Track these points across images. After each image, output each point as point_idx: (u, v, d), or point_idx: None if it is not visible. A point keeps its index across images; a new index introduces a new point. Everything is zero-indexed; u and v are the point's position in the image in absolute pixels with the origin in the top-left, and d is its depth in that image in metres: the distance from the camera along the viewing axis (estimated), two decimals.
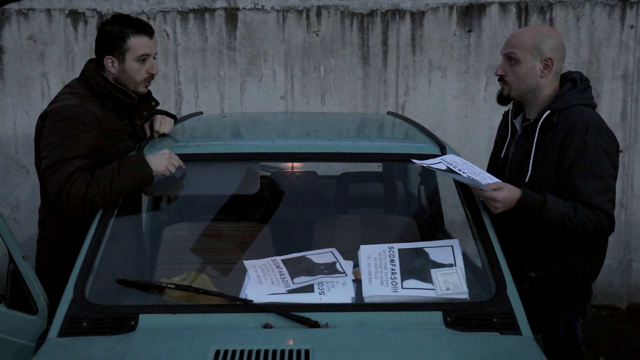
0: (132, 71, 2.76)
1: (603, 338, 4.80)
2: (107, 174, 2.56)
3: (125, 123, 2.85)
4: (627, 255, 5.40)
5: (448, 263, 2.37)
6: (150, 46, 2.78)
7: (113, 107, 2.78)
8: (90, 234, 2.46)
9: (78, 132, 2.61)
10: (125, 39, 2.72)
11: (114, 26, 2.75)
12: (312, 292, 2.32)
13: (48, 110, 2.70)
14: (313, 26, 5.23)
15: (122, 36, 2.72)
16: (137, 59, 2.75)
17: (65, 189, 2.53)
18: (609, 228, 2.56)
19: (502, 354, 2.08)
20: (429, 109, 5.31)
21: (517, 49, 2.65)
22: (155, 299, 2.39)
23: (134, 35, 2.73)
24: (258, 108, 5.27)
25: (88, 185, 2.53)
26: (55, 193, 2.56)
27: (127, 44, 2.72)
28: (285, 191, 3.85)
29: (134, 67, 2.75)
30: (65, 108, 2.65)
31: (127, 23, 2.76)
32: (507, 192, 2.46)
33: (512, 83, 2.69)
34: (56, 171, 2.57)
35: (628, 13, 5.17)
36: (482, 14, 5.21)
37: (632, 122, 5.27)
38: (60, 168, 2.57)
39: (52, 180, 2.57)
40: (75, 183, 2.53)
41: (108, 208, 2.57)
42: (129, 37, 2.72)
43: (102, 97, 2.75)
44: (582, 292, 2.72)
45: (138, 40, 2.74)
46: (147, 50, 2.77)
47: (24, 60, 5.20)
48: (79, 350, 2.07)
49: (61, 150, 2.59)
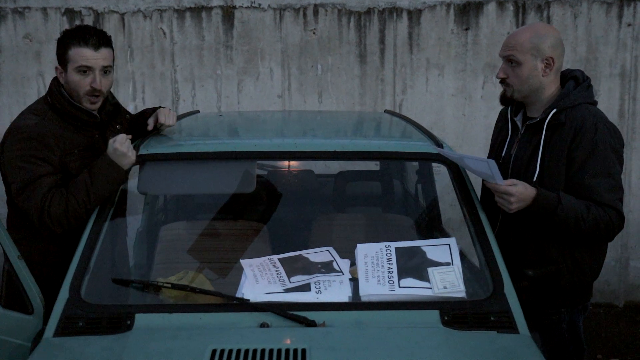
0: (72, 83, 2.68)
1: (601, 336, 4.80)
2: (81, 184, 2.53)
3: (93, 140, 2.79)
4: (624, 253, 5.41)
5: (445, 262, 2.37)
6: (92, 59, 2.65)
7: (75, 125, 2.73)
8: (86, 233, 2.45)
9: (39, 151, 2.59)
10: (67, 49, 2.67)
11: (62, 35, 2.71)
12: (309, 291, 2.31)
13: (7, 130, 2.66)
14: (310, 24, 5.23)
15: (64, 46, 2.67)
16: (76, 70, 2.66)
17: (45, 210, 2.52)
18: (619, 226, 2.56)
19: (499, 353, 2.07)
20: (426, 108, 5.30)
21: (517, 51, 2.63)
22: (151, 299, 2.38)
23: (74, 46, 2.65)
24: (255, 107, 5.26)
25: (67, 200, 2.52)
26: (37, 215, 2.54)
27: (68, 54, 2.66)
28: (282, 190, 3.84)
29: (74, 78, 2.67)
30: (22, 129, 2.62)
31: (72, 34, 2.69)
32: (522, 187, 2.45)
33: (515, 85, 2.68)
34: (29, 195, 2.55)
35: (625, 11, 5.17)
36: (480, 12, 5.21)
37: (630, 120, 5.28)
38: (32, 191, 2.55)
39: (28, 204, 2.55)
40: (53, 201, 2.52)
41: (104, 208, 2.56)
42: (70, 48, 2.66)
43: (63, 115, 2.71)
44: (586, 289, 2.73)
45: (78, 51, 2.65)
46: (87, 62, 2.65)
47: (20, 59, 5.18)
48: (75, 350, 2.06)
49: (27, 172, 2.56)
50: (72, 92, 2.72)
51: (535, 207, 2.47)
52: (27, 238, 2.64)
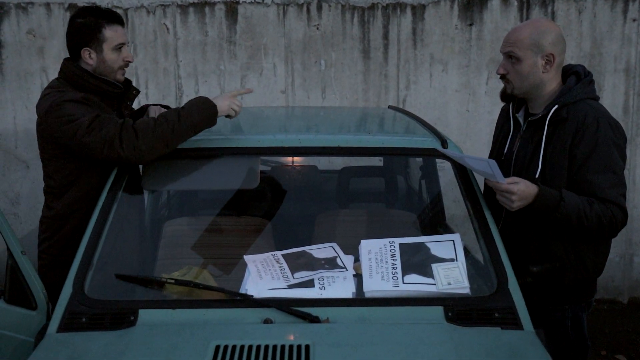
0: (110, 61, 2.77)
1: (604, 332, 4.80)
2: (174, 113, 2.53)
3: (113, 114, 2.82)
4: (628, 249, 5.40)
5: (449, 258, 2.36)
6: (124, 35, 2.81)
7: (99, 99, 2.76)
8: (90, 228, 2.45)
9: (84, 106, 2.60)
10: (101, 29, 2.73)
11: (86, 17, 2.74)
12: (313, 287, 2.31)
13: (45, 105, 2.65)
14: (314, 20, 5.21)
15: (97, 27, 2.72)
16: (114, 48, 2.76)
17: (126, 127, 2.48)
18: (622, 221, 2.55)
19: (503, 349, 2.07)
20: (430, 103, 5.29)
21: (517, 48, 2.62)
22: (155, 294, 2.38)
23: (109, 25, 2.74)
24: (258, 102, 5.26)
25: (155, 122, 2.49)
26: (110, 138, 2.47)
27: (102, 34, 2.73)
28: (285, 186, 3.84)
29: (111, 56, 2.77)
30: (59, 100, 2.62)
31: (99, 13, 2.76)
32: (524, 185, 2.44)
33: (515, 81, 2.67)
34: (103, 124, 2.50)
35: (630, 6, 5.14)
36: (484, 7, 5.19)
37: (634, 116, 5.26)
38: (105, 121, 2.51)
39: (104, 131, 2.49)
40: (137, 123, 2.50)
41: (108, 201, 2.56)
42: (105, 27, 2.73)
43: (86, 91, 2.72)
44: (590, 285, 2.73)
45: (113, 30, 2.76)
46: (122, 39, 2.79)
47: (24, 55, 5.18)
48: (78, 345, 2.06)
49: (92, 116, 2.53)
50: (105, 69, 2.78)
51: (538, 204, 2.46)
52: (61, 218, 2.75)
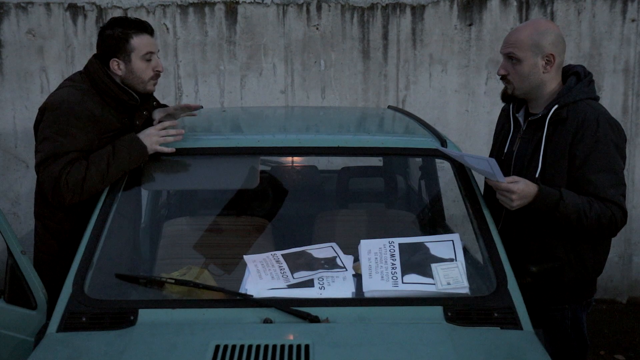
0: (139, 71, 2.76)
1: (604, 332, 4.80)
2: (104, 156, 2.57)
3: (123, 123, 2.83)
4: (627, 249, 5.40)
5: (449, 258, 2.37)
6: (153, 44, 2.79)
7: (115, 105, 2.77)
8: (90, 228, 2.45)
9: (74, 129, 2.61)
10: (128, 39, 2.72)
11: (114, 28, 2.74)
12: (312, 287, 2.31)
13: (48, 102, 2.69)
14: (313, 20, 5.22)
15: (125, 37, 2.72)
16: (142, 57, 2.75)
17: (63, 177, 2.54)
18: (622, 221, 2.55)
19: (503, 349, 2.07)
20: (429, 103, 5.29)
21: (517, 48, 2.62)
22: (154, 294, 2.38)
23: (136, 35, 2.73)
24: (258, 102, 5.26)
25: (86, 169, 2.54)
26: (52, 183, 2.56)
27: (130, 44, 2.73)
28: (285, 186, 3.84)
29: (140, 66, 2.75)
30: (65, 103, 2.64)
31: (127, 24, 2.76)
32: (524, 184, 2.44)
33: (515, 82, 2.67)
34: (51, 164, 2.57)
35: (629, 6, 5.15)
36: (483, 8, 5.19)
37: (633, 116, 5.27)
38: (55, 161, 2.57)
39: (47, 173, 2.58)
40: (72, 170, 2.55)
41: (108, 202, 2.56)
42: (132, 37, 2.73)
43: (105, 95, 2.74)
44: (589, 285, 2.73)
45: (141, 39, 2.74)
46: (151, 48, 2.77)
47: (23, 55, 5.18)
48: (78, 345, 2.06)
49: (57, 145, 2.58)
50: (134, 80, 2.77)
51: (537, 204, 2.46)
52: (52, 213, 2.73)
